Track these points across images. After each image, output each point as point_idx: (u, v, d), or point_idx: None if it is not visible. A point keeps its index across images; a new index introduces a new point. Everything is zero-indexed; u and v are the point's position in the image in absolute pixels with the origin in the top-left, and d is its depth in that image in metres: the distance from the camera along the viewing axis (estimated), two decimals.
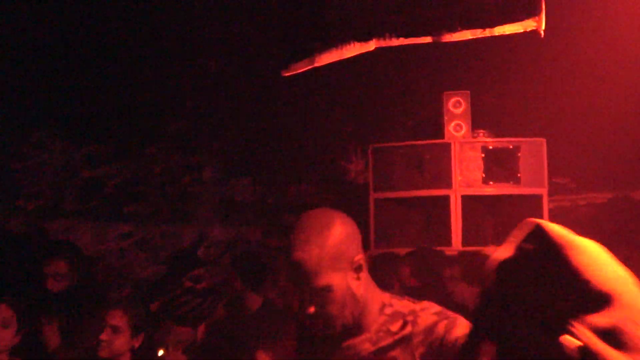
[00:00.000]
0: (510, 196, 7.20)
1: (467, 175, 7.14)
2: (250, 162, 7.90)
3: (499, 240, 1.48)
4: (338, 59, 4.07)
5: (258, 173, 7.90)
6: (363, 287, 2.46)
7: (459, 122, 7.34)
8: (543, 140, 7.21)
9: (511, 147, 7.19)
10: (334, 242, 2.38)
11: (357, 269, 2.45)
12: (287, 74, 4.21)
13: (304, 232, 2.38)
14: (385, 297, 2.54)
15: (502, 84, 7.96)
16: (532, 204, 7.06)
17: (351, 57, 4.01)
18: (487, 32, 3.69)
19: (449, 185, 7.15)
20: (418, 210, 7.55)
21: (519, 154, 7.14)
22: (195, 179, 7.72)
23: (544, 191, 7.16)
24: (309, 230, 2.38)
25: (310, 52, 4.13)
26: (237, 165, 7.94)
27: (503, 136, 7.36)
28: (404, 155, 7.31)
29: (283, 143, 7.86)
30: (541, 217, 6.02)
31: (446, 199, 7.16)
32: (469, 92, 7.44)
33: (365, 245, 5.14)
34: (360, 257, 2.44)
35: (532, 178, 7.15)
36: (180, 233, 7.74)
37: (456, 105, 7.39)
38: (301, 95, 7.65)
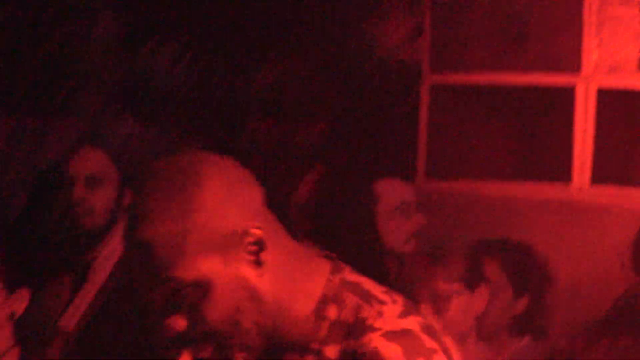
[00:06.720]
0: None
1: (611, 50, 4.30)
2: None
3: None
4: None
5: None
6: (272, 275, 1.68)
7: None
8: None
9: None
10: (206, 207, 1.65)
11: (255, 249, 1.67)
12: None
13: (156, 193, 1.65)
14: (332, 283, 1.68)
15: None
16: None
17: None
18: None
19: (574, 67, 4.30)
20: (510, 111, 4.73)
21: None
22: None
23: None
24: (164, 190, 1.65)
25: None
26: None
27: None
28: (488, 12, 4.35)
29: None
30: None
31: (568, 93, 4.31)
32: None
33: (410, 175, 3.98)
34: (257, 232, 1.66)
35: None
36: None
37: None
38: None
